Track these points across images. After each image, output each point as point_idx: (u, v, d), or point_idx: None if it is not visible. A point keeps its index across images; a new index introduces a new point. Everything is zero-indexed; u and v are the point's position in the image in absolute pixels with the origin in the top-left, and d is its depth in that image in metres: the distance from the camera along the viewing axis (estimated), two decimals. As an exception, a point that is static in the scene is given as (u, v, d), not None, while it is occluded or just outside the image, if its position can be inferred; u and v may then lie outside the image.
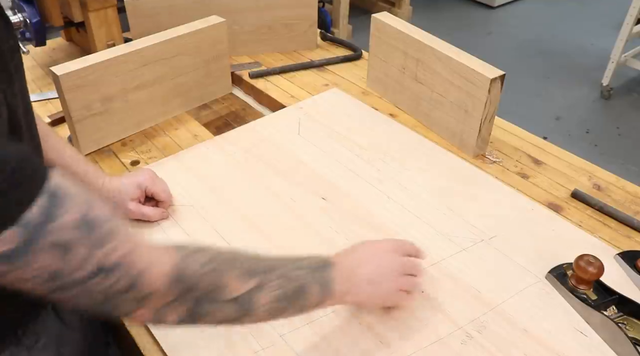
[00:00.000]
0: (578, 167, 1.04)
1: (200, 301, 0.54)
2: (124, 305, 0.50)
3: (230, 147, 1.08)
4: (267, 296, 0.58)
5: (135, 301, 0.50)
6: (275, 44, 1.41)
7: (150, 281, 0.50)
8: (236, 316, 0.57)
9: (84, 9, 1.31)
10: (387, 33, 1.17)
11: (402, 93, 1.19)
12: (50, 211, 0.44)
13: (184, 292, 0.53)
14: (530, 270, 0.82)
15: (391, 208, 0.94)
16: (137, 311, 0.51)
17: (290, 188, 0.97)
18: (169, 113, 1.19)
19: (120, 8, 1.33)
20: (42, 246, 0.44)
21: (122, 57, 1.05)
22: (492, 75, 0.97)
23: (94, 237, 0.46)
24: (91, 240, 0.46)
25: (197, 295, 0.54)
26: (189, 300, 0.53)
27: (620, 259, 0.83)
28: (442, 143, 1.10)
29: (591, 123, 2.81)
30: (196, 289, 0.54)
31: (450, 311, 0.76)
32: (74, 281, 0.46)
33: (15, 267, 0.44)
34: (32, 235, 0.43)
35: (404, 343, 0.72)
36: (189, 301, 0.53)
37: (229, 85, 1.29)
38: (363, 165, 1.03)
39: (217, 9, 1.26)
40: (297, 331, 0.74)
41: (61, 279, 0.46)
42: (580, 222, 0.92)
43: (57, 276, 0.45)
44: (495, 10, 3.98)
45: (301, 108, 1.19)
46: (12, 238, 0.42)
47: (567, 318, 0.76)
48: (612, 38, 2.88)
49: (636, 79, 3.14)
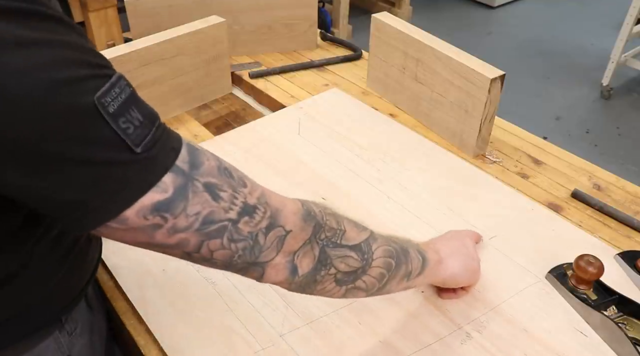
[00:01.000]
0: (578, 167, 1.04)
1: (329, 243, 0.55)
2: (267, 248, 0.51)
3: (230, 147, 1.08)
4: (380, 248, 0.60)
5: (277, 242, 0.51)
6: (275, 44, 1.41)
7: (288, 218, 0.52)
8: (357, 266, 0.58)
9: (84, 9, 1.31)
10: (387, 33, 1.17)
11: (402, 93, 1.19)
12: (195, 159, 0.47)
13: (315, 229, 0.54)
14: (530, 270, 0.83)
15: (391, 208, 0.94)
16: (275, 258, 0.52)
17: (290, 188, 0.97)
18: (169, 113, 1.19)
19: (120, 8, 1.34)
20: (196, 189, 0.46)
21: (122, 57, 1.05)
22: (492, 75, 0.97)
23: (233, 181, 0.49)
24: (232, 184, 0.49)
25: (326, 236, 0.55)
26: (320, 240, 0.55)
27: (620, 259, 0.83)
28: (442, 143, 1.10)
29: (591, 123, 2.81)
30: (325, 228, 0.55)
31: (450, 311, 0.76)
32: (225, 224, 0.47)
33: (173, 215, 0.45)
34: (187, 179, 0.45)
35: (404, 343, 0.72)
36: (320, 241, 0.55)
37: (229, 85, 1.29)
38: (363, 165, 1.03)
39: (217, 9, 1.26)
40: (297, 331, 0.74)
41: (214, 223, 0.47)
42: (580, 222, 0.93)
43: (211, 221, 0.46)
44: (495, 10, 3.98)
45: (301, 108, 1.19)
46: (168, 185, 0.44)
47: (567, 318, 0.76)
48: (612, 38, 2.88)
49: (636, 78, 3.14)
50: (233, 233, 0.48)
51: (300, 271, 0.54)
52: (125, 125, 0.43)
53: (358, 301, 0.77)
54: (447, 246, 0.75)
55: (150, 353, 0.72)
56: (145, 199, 0.44)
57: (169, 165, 0.45)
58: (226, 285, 0.79)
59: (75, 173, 0.42)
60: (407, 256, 0.64)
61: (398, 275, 0.63)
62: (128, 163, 0.43)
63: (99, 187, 0.43)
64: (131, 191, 0.43)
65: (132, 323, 0.76)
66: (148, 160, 0.44)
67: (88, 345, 0.70)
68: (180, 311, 0.76)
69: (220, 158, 0.50)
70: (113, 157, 0.42)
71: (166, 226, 0.45)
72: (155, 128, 0.45)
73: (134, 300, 0.78)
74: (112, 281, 0.82)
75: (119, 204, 0.43)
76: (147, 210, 0.44)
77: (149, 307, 0.77)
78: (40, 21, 0.40)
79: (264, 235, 0.50)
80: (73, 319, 0.67)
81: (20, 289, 0.58)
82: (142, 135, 0.44)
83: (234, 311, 0.76)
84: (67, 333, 0.66)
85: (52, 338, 0.64)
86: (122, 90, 0.43)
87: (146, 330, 0.75)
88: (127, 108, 0.43)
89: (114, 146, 0.42)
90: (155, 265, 0.82)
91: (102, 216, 0.44)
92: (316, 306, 0.77)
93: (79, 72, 0.41)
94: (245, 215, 0.48)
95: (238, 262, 0.50)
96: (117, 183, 0.43)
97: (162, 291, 0.79)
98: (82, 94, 0.41)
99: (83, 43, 0.43)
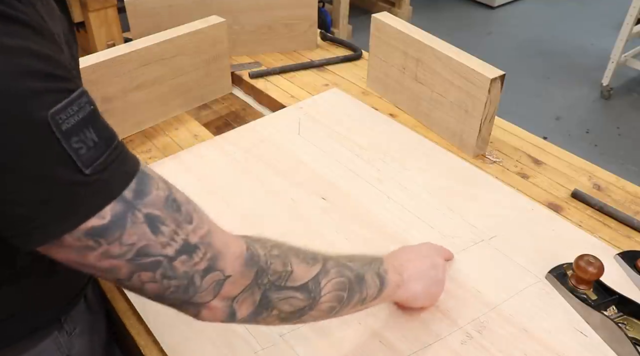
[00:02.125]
0: (578, 167, 1.04)
1: (272, 287, 0.54)
2: (204, 291, 0.49)
3: (230, 147, 1.08)
4: (330, 282, 0.58)
5: (214, 286, 0.50)
6: (275, 44, 1.41)
7: (228, 262, 0.50)
8: (303, 305, 0.57)
9: (84, 9, 1.31)
10: (387, 33, 1.17)
11: (402, 93, 1.19)
12: (143, 188, 0.45)
13: (257, 275, 0.52)
14: (530, 270, 0.82)
15: (391, 208, 0.94)
16: (212, 301, 0.50)
17: (290, 188, 0.97)
18: (169, 113, 1.19)
19: (120, 8, 1.34)
20: (135, 219, 0.44)
21: (122, 57, 1.05)
22: (492, 75, 0.97)
23: (179, 215, 0.47)
24: (177, 218, 0.47)
25: (269, 280, 0.53)
26: (262, 285, 0.53)
27: (620, 259, 0.83)
28: (442, 143, 1.10)
29: (591, 123, 2.81)
30: (268, 273, 0.53)
31: (450, 311, 0.76)
32: (160, 259, 0.46)
33: (106, 241, 0.44)
34: (128, 208, 0.44)
35: (404, 343, 0.72)
36: (262, 286, 0.53)
37: (229, 85, 1.29)
38: (363, 165, 1.03)
39: (217, 9, 1.26)
40: (297, 331, 0.74)
41: (148, 256, 0.45)
42: (580, 222, 0.92)
43: (145, 253, 0.45)
44: (495, 10, 3.98)
45: (301, 108, 1.19)
46: (108, 212, 0.43)
47: (567, 318, 0.76)
48: (612, 38, 2.88)
49: (636, 78, 3.14)
50: (167, 270, 0.47)
51: (240, 315, 0.53)
52: (78, 145, 0.41)
53: (358, 301, 0.77)
54: (414, 266, 0.72)
55: (150, 353, 0.72)
56: (83, 224, 0.42)
57: (116, 192, 0.44)
58: (226, 285, 0.79)
59: (21, 189, 0.40)
60: (362, 284, 0.62)
61: (350, 304, 0.61)
62: (77, 185, 0.42)
63: (46, 205, 0.41)
64: (76, 214, 0.42)
65: (132, 323, 0.76)
66: (97, 183, 0.42)
67: (87, 345, 0.70)
68: (180, 311, 0.76)
69: (173, 188, 0.48)
70: (62, 176, 0.41)
71: (99, 250, 0.44)
72: (111, 150, 0.44)
73: (134, 300, 0.78)
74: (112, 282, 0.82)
75: (63, 226, 0.42)
76: (81, 233, 0.43)
77: (149, 307, 0.77)
78: (6, 25, 0.39)
79: (201, 277, 0.48)
80: (72, 319, 0.67)
81: (20, 289, 0.58)
82: (94, 157, 0.42)
83: (234, 311, 0.76)
84: (66, 334, 0.66)
85: (51, 339, 0.64)
86: (80, 108, 0.42)
87: (146, 330, 0.75)
88: (82, 127, 0.42)
89: (63, 165, 0.41)
90: (155, 265, 0.82)
91: (45, 236, 0.42)
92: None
93: (36, 84, 0.40)
94: (184, 254, 0.47)
95: (171, 297, 0.49)
96: (64, 204, 0.42)
97: (162, 291, 0.79)
98: (37, 108, 0.39)
99: (50, 53, 0.42)
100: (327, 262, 0.59)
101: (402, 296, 0.72)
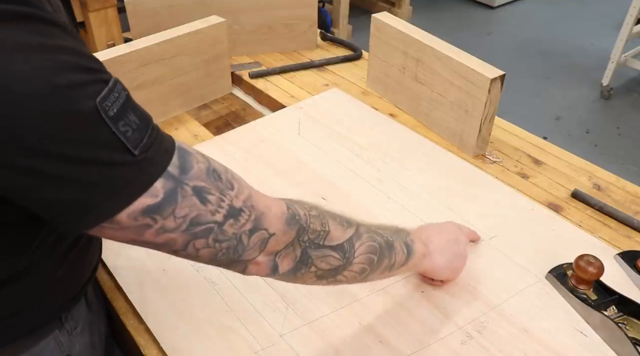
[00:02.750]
0: (578, 167, 1.04)
1: (311, 245, 0.57)
2: (250, 249, 0.52)
3: (230, 147, 1.08)
4: (363, 245, 0.61)
5: (260, 243, 0.53)
6: (275, 44, 1.41)
7: (272, 222, 0.53)
8: (338, 264, 0.60)
9: (84, 9, 1.31)
10: (387, 33, 1.17)
11: (402, 93, 1.19)
12: (185, 162, 0.48)
13: (299, 233, 0.56)
14: (530, 270, 0.82)
15: (391, 208, 0.94)
16: (258, 257, 0.54)
17: (290, 188, 0.97)
18: (169, 113, 1.19)
19: (120, 8, 1.34)
20: (185, 193, 0.47)
21: (122, 57, 1.05)
22: (492, 75, 0.97)
23: (221, 183, 0.50)
24: (220, 187, 0.50)
25: (308, 238, 0.57)
26: (302, 242, 0.56)
27: (620, 259, 0.83)
28: (442, 143, 1.10)
29: (591, 123, 2.81)
30: (307, 231, 0.56)
31: (450, 311, 0.76)
32: (211, 225, 0.49)
33: (162, 217, 0.46)
34: (176, 183, 0.47)
35: (404, 343, 0.72)
36: (302, 243, 0.56)
37: (229, 85, 1.29)
38: (363, 165, 1.03)
39: (217, 9, 1.26)
40: (297, 331, 0.74)
41: (201, 224, 0.48)
42: (580, 222, 0.93)
43: (197, 222, 0.48)
44: (495, 10, 3.97)
45: (301, 108, 1.19)
46: (158, 189, 0.46)
47: (567, 318, 0.76)
48: (612, 38, 2.88)
49: (636, 78, 3.14)
50: (218, 234, 0.50)
51: (281, 269, 0.56)
52: (125, 128, 0.44)
53: (358, 302, 0.77)
54: (439, 239, 0.76)
55: (150, 353, 0.72)
56: (137, 203, 0.45)
57: (162, 169, 0.46)
58: (226, 285, 0.79)
59: (75, 174, 0.43)
60: (392, 250, 0.66)
61: (380, 268, 0.65)
62: (127, 165, 0.44)
63: (98, 188, 0.44)
64: (127, 193, 0.45)
65: (132, 323, 0.76)
66: (145, 162, 0.45)
67: (88, 344, 0.70)
68: (180, 311, 0.76)
69: (210, 159, 0.52)
70: (113, 158, 0.44)
71: (155, 226, 0.47)
72: (151, 130, 0.47)
73: (134, 300, 0.78)
74: (112, 281, 0.82)
75: (115, 206, 0.45)
76: (138, 213, 0.45)
77: (149, 307, 0.77)
78: (37, 25, 0.41)
79: (248, 237, 0.52)
80: (73, 318, 0.67)
81: (21, 288, 0.58)
82: (139, 138, 0.45)
83: (234, 311, 0.76)
84: (67, 332, 0.66)
85: (52, 337, 0.64)
86: (119, 94, 0.45)
87: (146, 330, 0.75)
88: (125, 111, 0.45)
89: (114, 148, 0.44)
90: (155, 265, 0.82)
91: (98, 217, 0.45)
92: (316, 307, 0.77)
93: (78, 77, 0.42)
94: (231, 218, 0.50)
95: (222, 258, 0.52)
96: (115, 185, 0.44)
97: (162, 291, 0.79)
98: (83, 98, 0.42)
99: (79, 47, 0.44)
100: (360, 226, 0.63)
101: (428, 267, 0.74)
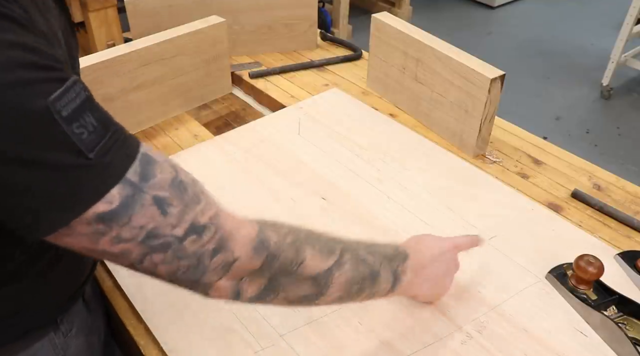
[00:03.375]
0: (578, 167, 1.04)
1: (280, 274, 0.54)
2: (212, 271, 0.50)
3: (230, 147, 1.08)
4: (342, 277, 0.58)
5: (222, 266, 0.50)
6: (275, 44, 1.41)
7: (237, 245, 0.50)
8: (310, 294, 0.57)
9: (84, 9, 1.31)
10: (387, 33, 1.17)
11: (402, 93, 1.19)
12: (147, 170, 0.45)
13: (267, 261, 0.52)
14: (530, 270, 0.82)
15: (391, 208, 0.94)
16: (219, 281, 0.51)
17: (290, 188, 0.97)
18: (169, 113, 1.19)
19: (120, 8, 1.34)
20: (144, 202, 0.45)
21: (122, 57, 1.05)
22: (492, 75, 0.97)
23: (186, 196, 0.47)
24: (184, 199, 0.47)
25: (278, 267, 0.53)
26: (270, 270, 0.53)
27: (620, 259, 0.83)
28: (442, 143, 1.10)
29: (591, 123, 2.80)
30: (278, 259, 0.53)
31: (450, 311, 0.76)
32: (170, 240, 0.46)
33: (117, 225, 0.44)
34: (135, 191, 0.44)
35: (404, 343, 0.72)
36: (270, 272, 0.53)
37: (229, 85, 1.29)
38: (363, 165, 1.03)
39: (217, 9, 1.26)
40: (297, 331, 0.74)
41: (158, 238, 0.46)
42: (580, 222, 0.92)
43: (155, 235, 0.46)
44: (495, 10, 3.97)
45: (301, 108, 1.19)
46: (115, 195, 0.43)
47: (567, 318, 0.76)
48: (612, 38, 2.88)
49: (636, 78, 3.14)
50: (177, 251, 0.47)
51: (246, 296, 0.53)
52: (80, 130, 0.42)
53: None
54: (431, 272, 0.71)
55: (150, 353, 0.72)
56: (91, 209, 0.43)
57: (120, 174, 0.44)
58: (226, 285, 0.79)
59: (27, 178, 0.41)
60: (375, 281, 0.62)
61: (359, 297, 0.62)
62: (80, 168, 0.42)
63: (51, 193, 0.42)
64: (81, 198, 0.43)
65: (131, 323, 0.76)
66: (100, 166, 0.43)
67: (84, 345, 0.70)
68: (180, 311, 0.76)
69: (180, 170, 0.49)
70: (65, 161, 0.42)
71: (110, 234, 0.44)
72: (111, 133, 0.44)
73: (134, 299, 0.78)
74: (111, 281, 0.82)
75: (71, 212, 0.43)
76: (92, 219, 0.43)
77: (148, 307, 0.77)
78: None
79: (210, 258, 0.49)
80: (69, 320, 0.67)
81: (16, 290, 0.58)
82: (95, 141, 0.43)
83: (234, 312, 0.76)
84: (62, 334, 0.66)
85: (47, 339, 0.64)
86: (77, 94, 0.43)
87: (146, 330, 0.75)
88: (81, 113, 0.42)
89: (66, 150, 0.41)
90: (155, 265, 0.82)
91: (53, 223, 0.43)
92: (316, 307, 0.76)
93: (29, 74, 0.40)
94: (193, 234, 0.47)
95: (182, 278, 0.49)
96: (69, 190, 0.42)
97: (161, 291, 0.79)
98: (33, 96, 0.40)
99: (38, 45, 0.42)
100: (345, 254, 0.59)
101: (408, 293, 0.72)
